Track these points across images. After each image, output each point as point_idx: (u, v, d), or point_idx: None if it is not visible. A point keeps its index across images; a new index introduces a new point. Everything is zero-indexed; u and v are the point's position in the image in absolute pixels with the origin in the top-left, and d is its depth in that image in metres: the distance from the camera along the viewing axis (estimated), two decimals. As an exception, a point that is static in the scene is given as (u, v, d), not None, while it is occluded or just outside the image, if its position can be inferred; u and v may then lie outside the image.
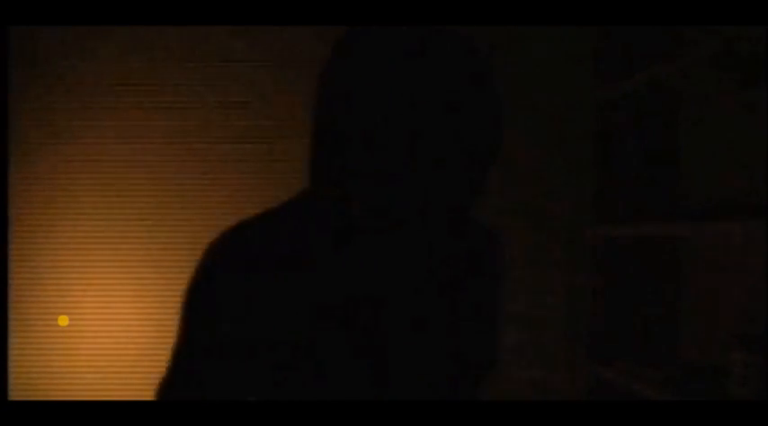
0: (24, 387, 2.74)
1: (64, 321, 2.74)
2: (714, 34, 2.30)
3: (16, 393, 2.74)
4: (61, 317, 2.74)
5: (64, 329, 2.74)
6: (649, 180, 2.55)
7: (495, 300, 1.09)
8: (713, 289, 2.29)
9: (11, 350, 2.73)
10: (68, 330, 2.74)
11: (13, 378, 2.74)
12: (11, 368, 2.73)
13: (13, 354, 2.73)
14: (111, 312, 2.74)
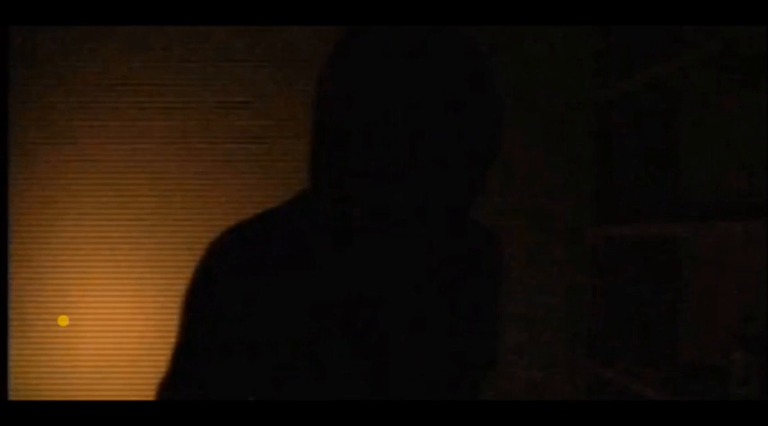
0: (24, 387, 2.74)
1: (64, 321, 2.74)
2: (714, 34, 2.30)
3: (16, 393, 2.74)
4: (61, 317, 2.74)
5: (64, 329, 2.74)
6: (649, 180, 2.55)
7: (493, 300, 1.08)
8: (713, 289, 2.29)
9: (11, 350, 2.73)
10: (68, 330, 2.74)
11: (13, 378, 2.74)
12: (11, 368, 2.73)
13: (13, 354, 2.73)
14: (111, 312, 2.74)
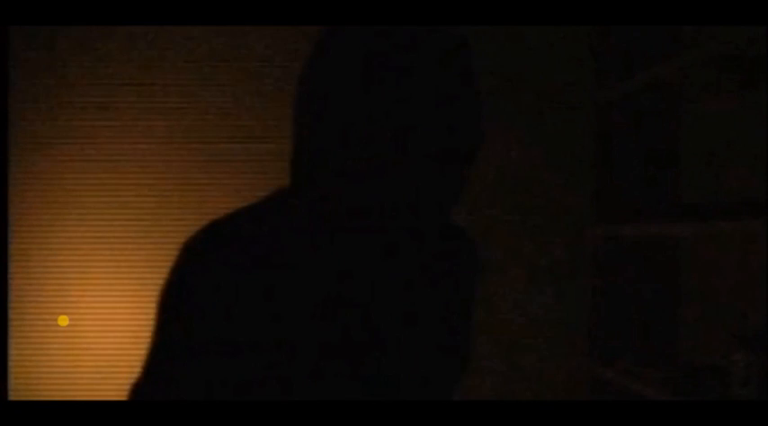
0: (24, 387, 2.74)
1: (64, 321, 2.74)
2: (714, 34, 2.30)
3: (16, 393, 2.74)
4: (61, 317, 2.74)
5: (64, 329, 2.74)
6: (649, 180, 2.55)
7: (469, 300, 1.09)
8: (713, 289, 2.29)
9: (11, 350, 2.73)
10: (68, 330, 2.74)
11: (13, 378, 2.74)
12: (11, 368, 2.73)
13: (13, 354, 2.74)
14: (111, 312, 2.74)
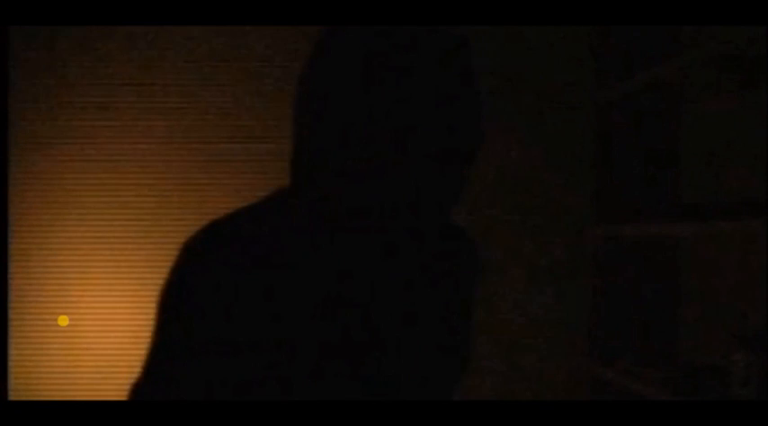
0: (24, 387, 2.74)
1: (64, 321, 2.74)
2: (714, 34, 2.30)
3: (16, 393, 2.74)
4: (61, 317, 2.74)
5: (64, 329, 2.74)
6: (649, 180, 2.55)
7: (469, 300, 1.09)
8: (713, 289, 2.29)
9: (11, 350, 2.73)
10: (68, 330, 2.74)
11: (13, 378, 2.74)
12: (11, 368, 2.73)
13: (13, 354, 2.74)
14: (111, 312, 2.74)
